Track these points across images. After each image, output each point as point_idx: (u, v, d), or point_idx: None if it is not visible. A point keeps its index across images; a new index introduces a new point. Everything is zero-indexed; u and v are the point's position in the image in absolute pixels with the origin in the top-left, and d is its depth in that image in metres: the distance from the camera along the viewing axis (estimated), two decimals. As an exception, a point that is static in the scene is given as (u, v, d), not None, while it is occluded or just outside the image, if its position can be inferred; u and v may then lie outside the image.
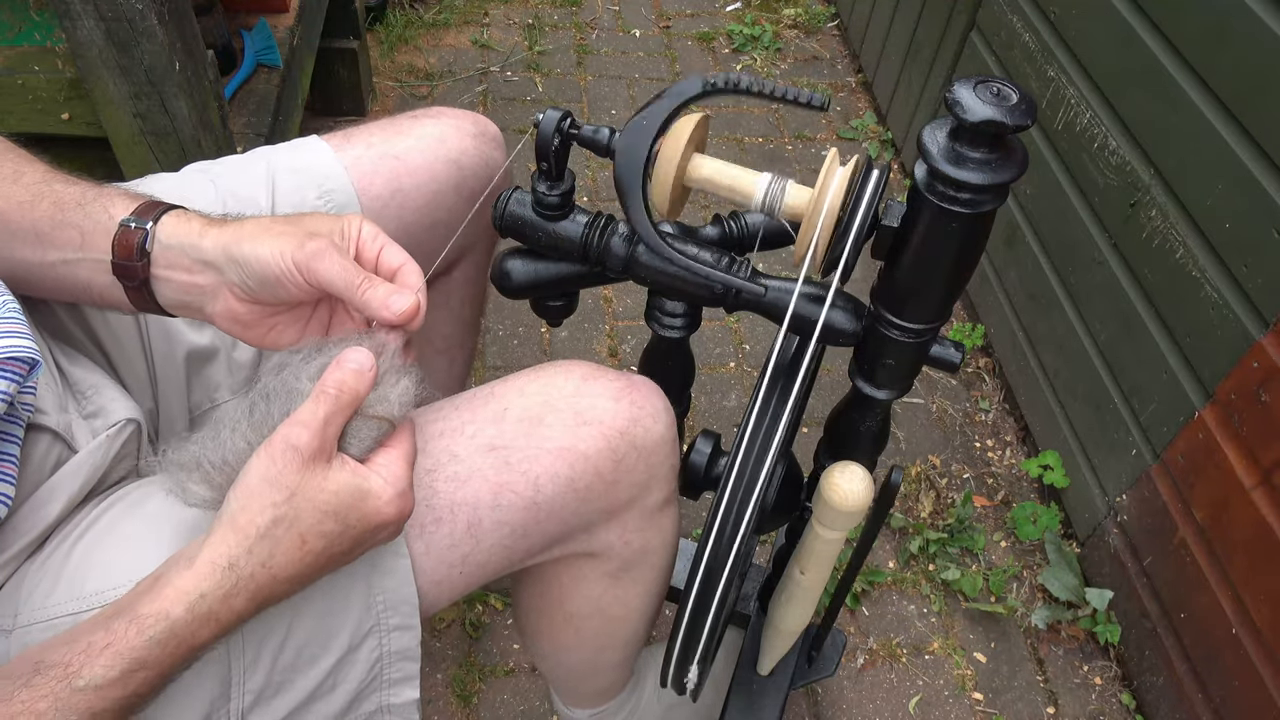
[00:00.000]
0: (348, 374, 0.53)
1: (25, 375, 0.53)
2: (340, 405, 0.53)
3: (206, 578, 0.50)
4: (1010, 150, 0.57)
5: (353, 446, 0.54)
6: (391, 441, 0.56)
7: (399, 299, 0.54)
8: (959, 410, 1.56)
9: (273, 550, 0.51)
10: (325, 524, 0.52)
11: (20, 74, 1.12)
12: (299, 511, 0.51)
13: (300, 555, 0.52)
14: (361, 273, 0.55)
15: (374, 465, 0.55)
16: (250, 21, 1.48)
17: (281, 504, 0.51)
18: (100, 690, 0.47)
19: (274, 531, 0.51)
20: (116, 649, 0.48)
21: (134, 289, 0.58)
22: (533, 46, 2.25)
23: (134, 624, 0.48)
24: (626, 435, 0.67)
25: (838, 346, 0.71)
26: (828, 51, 2.33)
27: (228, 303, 0.57)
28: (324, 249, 0.54)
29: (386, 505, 0.54)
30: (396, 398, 0.55)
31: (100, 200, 0.59)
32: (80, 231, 0.58)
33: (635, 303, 1.68)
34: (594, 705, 0.98)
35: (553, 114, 0.66)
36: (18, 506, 0.56)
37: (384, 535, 0.56)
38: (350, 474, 0.53)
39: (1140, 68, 1.17)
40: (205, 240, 0.56)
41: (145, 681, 0.49)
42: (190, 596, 0.49)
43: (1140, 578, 1.20)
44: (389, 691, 0.67)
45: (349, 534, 0.53)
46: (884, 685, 1.24)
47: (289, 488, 0.51)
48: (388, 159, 0.80)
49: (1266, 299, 0.98)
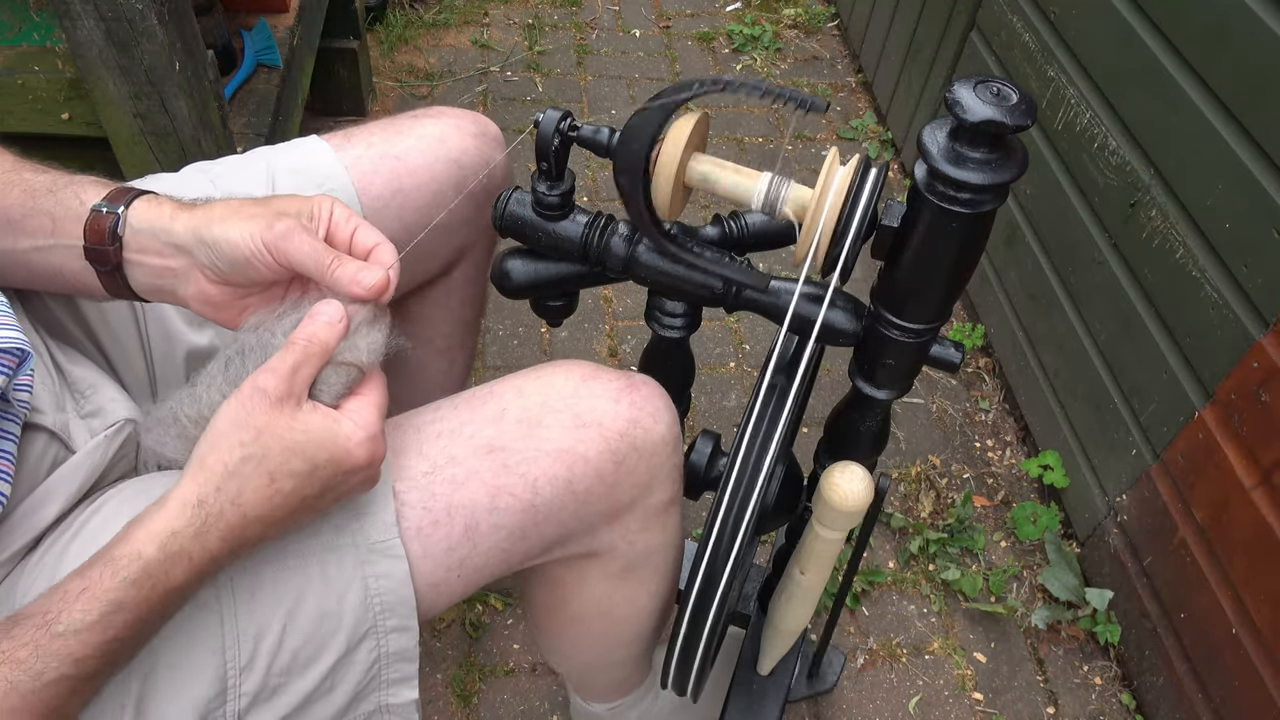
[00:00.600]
0: (318, 325, 0.54)
1: (14, 369, 0.53)
2: (309, 355, 0.54)
3: (177, 516, 0.50)
4: (1010, 150, 0.57)
5: (324, 394, 0.55)
6: (362, 389, 0.57)
7: (368, 274, 0.55)
8: (959, 410, 1.56)
9: (241, 487, 0.51)
10: (293, 462, 0.52)
11: (20, 74, 1.12)
12: (267, 449, 0.52)
13: (269, 494, 0.52)
14: (331, 252, 0.56)
15: (345, 410, 0.55)
16: (250, 21, 1.48)
17: (250, 443, 0.51)
18: (80, 635, 0.48)
19: (242, 469, 0.51)
20: (92, 593, 0.48)
21: (107, 274, 0.59)
22: (533, 46, 2.25)
23: (108, 566, 0.49)
24: (627, 437, 0.67)
25: (838, 346, 0.71)
26: (828, 51, 2.33)
27: (200, 285, 0.58)
28: (292, 229, 0.55)
29: (356, 447, 0.54)
30: (366, 345, 0.56)
31: (71, 187, 0.59)
32: (52, 218, 0.58)
33: (635, 303, 1.68)
34: (609, 700, 0.98)
35: (553, 114, 0.66)
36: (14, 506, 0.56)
37: (356, 480, 0.56)
38: (321, 416, 0.54)
39: (1140, 68, 1.17)
40: (176, 224, 0.57)
41: (125, 624, 0.50)
42: (162, 535, 0.50)
43: (1140, 578, 1.20)
44: (387, 692, 0.67)
45: (318, 475, 0.54)
46: (884, 685, 1.24)
47: (256, 427, 0.51)
48: (388, 159, 0.80)
49: (1266, 299, 0.98)
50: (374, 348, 0.57)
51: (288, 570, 0.61)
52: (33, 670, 0.47)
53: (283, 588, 0.60)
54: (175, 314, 0.74)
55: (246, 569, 0.60)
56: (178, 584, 0.51)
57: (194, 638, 0.58)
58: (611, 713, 0.98)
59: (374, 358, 0.57)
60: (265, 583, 0.60)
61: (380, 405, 0.57)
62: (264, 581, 0.60)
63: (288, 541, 0.61)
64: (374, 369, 0.58)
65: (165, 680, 0.58)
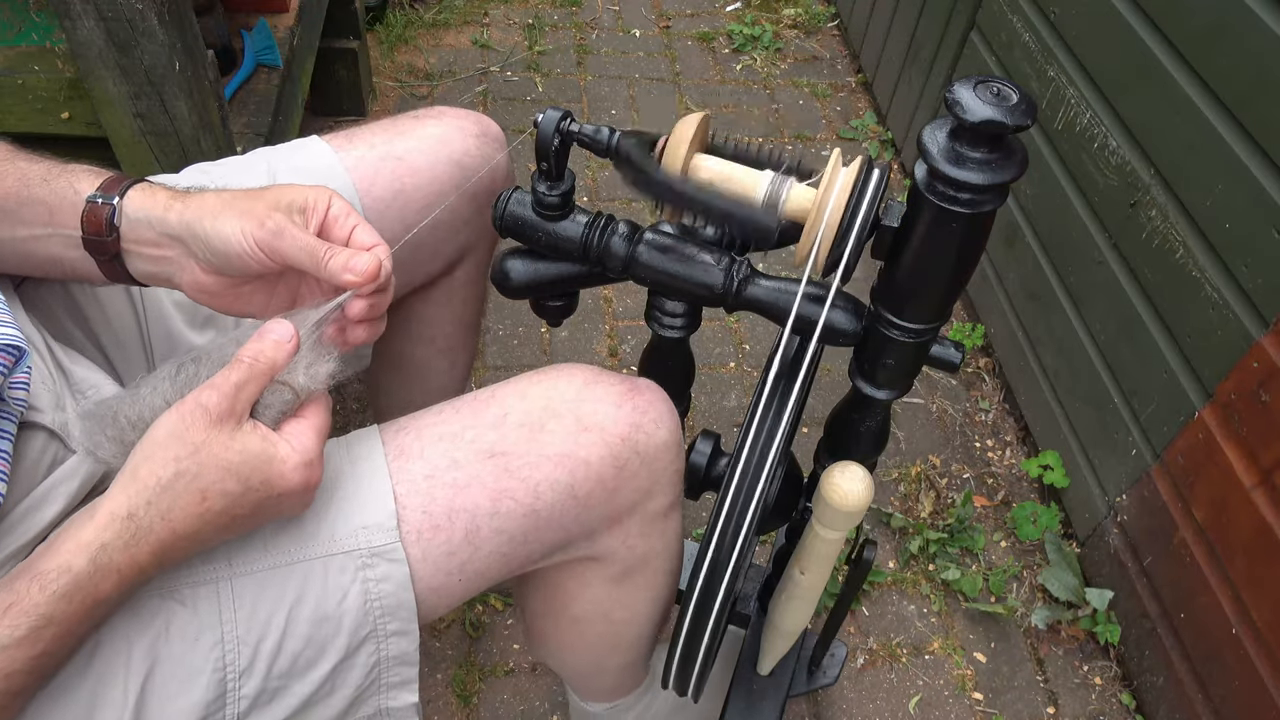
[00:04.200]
0: (266, 344, 0.54)
1: (10, 366, 0.53)
2: (255, 373, 0.54)
3: (106, 528, 0.50)
4: (1010, 150, 0.57)
5: (264, 414, 0.55)
6: (304, 413, 0.57)
7: (359, 260, 0.55)
8: (959, 410, 1.56)
9: (172, 504, 0.51)
10: (227, 482, 0.52)
11: (20, 74, 1.12)
12: (202, 467, 0.51)
13: (200, 511, 0.52)
14: (323, 245, 0.56)
15: (284, 433, 0.55)
16: (250, 21, 1.48)
17: (185, 458, 0.51)
18: (8, 650, 0.48)
19: (175, 485, 0.51)
20: (21, 607, 0.48)
21: (106, 263, 0.59)
22: (533, 46, 2.25)
23: (35, 581, 0.49)
24: (629, 442, 0.67)
25: (838, 346, 0.71)
26: (828, 51, 2.33)
27: (194, 274, 0.58)
28: (283, 227, 0.55)
29: (291, 471, 0.54)
30: (304, 369, 0.56)
31: (65, 176, 0.59)
32: (48, 208, 0.59)
33: (635, 303, 1.68)
34: (608, 700, 0.98)
35: (553, 114, 0.66)
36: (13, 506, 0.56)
37: (288, 504, 0.56)
38: (259, 438, 0.54)
39: (1140, 68, 1.17)
40: (170, 214, 0.57)
41: (55, 638, 0.49)
42: (91, 548, 0.50)
43: (1140, 578, 1.20)
44: (387, 696, 0.67)
45: (250, 496, 0.53)
46: (884, 685, 1.24)
47: (194, 444, 0.51)
48: (390, 160, 0.80)
49: (1266, 299, 0.98)
50: (315, 375, 0.57)
51: (287, 574, 0.61)
52: None
53: (282, 591, 0.60)
54: (177, 315, 0.74)
55: (246, 573, 0.60)
56: (106, 596, 0.51)
57: (194, 640, 0.58)
58: (610, 713, 0.98)
59: (314, 384, 0.57)
60: (265, 586, 0.60)
61: (321, 430, 0.57)
62: (264, 585, 0.60)
63: (288, 545, 0.61)
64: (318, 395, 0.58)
65: (164, 684, 0.57)
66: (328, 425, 0.58)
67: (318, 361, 0.57)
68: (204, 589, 0.59)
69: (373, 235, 0.58)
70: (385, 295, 0.59)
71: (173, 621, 0.58)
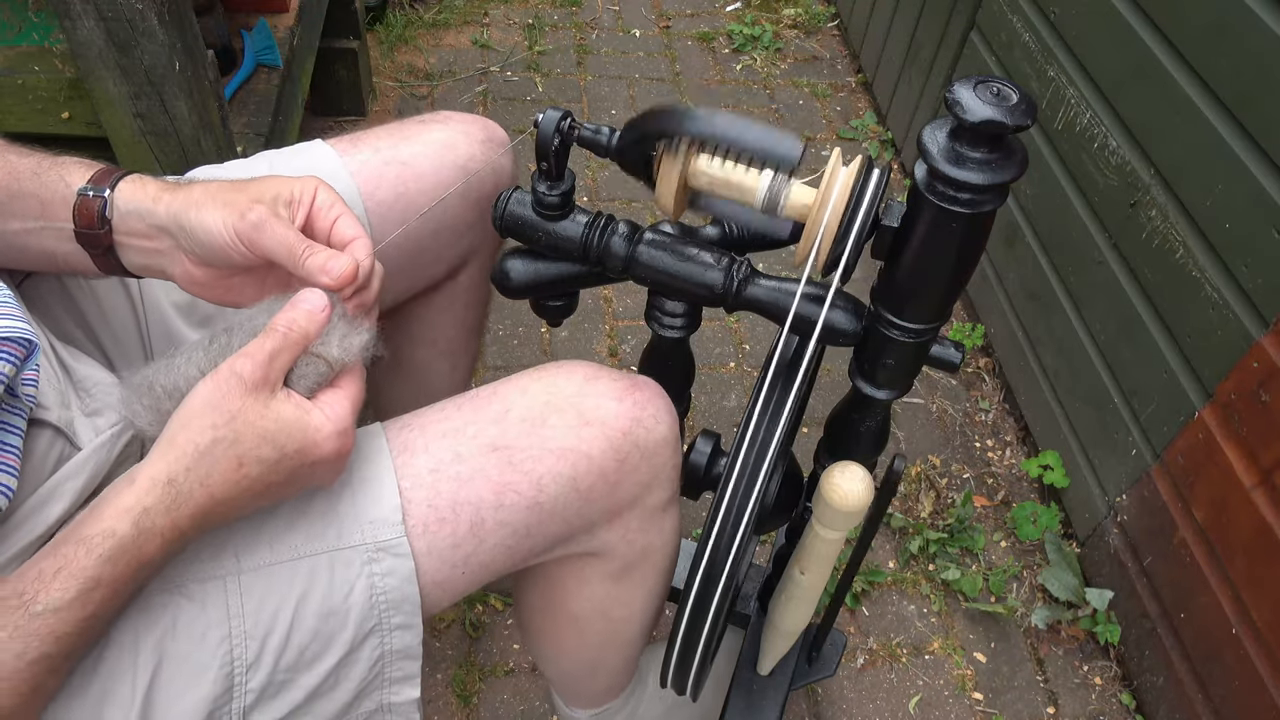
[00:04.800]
0: (299, 313, 0.55)
1: (22, 359, 0.53)
2: (289, 342, 0.54)
3: (149, 493, 0.51)
4: (1010, 150, 0.57)
5: (299, 383, 0.55)
6: (340, 383, 0.57)
7: (335, 262, 0.55)
8: (959, 410, 1.56)
9: (210, 469, 0.52)
10: (262, 449, 0.53)
11: (20, 74, 1.12)
12: (239, 434, 0.52)
13: (237, 478, 0.53)
14: (304, 241, 0.56)
15: (318, 402, 0.56)
16: (250, 21, 1.48)
17: (222, 425, 0.52)
18: (59, 613, 0.49)
19: (213, 451, 0.52)
20: (69, 570, 0.49)
21: (99, 255, 0.60)
22: (533, 46, 2.25)
23: (82, 545, 0.49)
24: (629, 435, 0.67)
25: (838, 346, 0.71)
26: (828, 51, 2.33)
27: (185, 266, 0.59)
28: (264, 220, 0.55)
29: (325, 440, 0.55)
30: (338, 341, 0.57)
31: (56, 169, 0.59)
32: (39, 201, 0.59)
33: (635, 303, 1.68)
34: (596, 705, 0.98)
35: (553, 114, 0.66)
36: (21, 502, 0.56)
37: (321, 471, 0.57)
38: (293, 406, 0.54)
39: (1140, 68, 1.17)
40: (159, 206, 0.58)
41: (103, 601, 0.50)
42: (134, 512, 0.50)
43: (1140, 578, 1.20)
44: (390, 690, 0.67)
45: (285, 464, 0.54)
46: (884, 685, 1.24)
47: (230, 411, 0.52)
48: (394, 165, 0.80)
49: (1266, 299, 0.98)
50: (349, 347, 0.57)
51: (294, 569, 0.61)
52: (14, 650, 0.48)
53: (289, 586, 0.61)
54: (176, 313, 0.74)
55: (254, 568, 0.60)
56: (149, 558, 0.52)
57: (202, 635, 0.58)
58: (596, 719, 0.98)
59: (348, 356, 0.57)
60: (272, 581, 0.60)
61: (355, 400, 0.57)
62: (271, 580, 0.60)
63: (295, 540, 0.61)
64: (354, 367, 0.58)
65: (172, 679, 0.58)
66: (362, 396, 0.58)
67: (351, 333, 0.57)
68: (212, 584, 0.59)
69: (355, 228, 0.58)
70: (368, 291, 0.59)
71: (180, 617, 0.58)
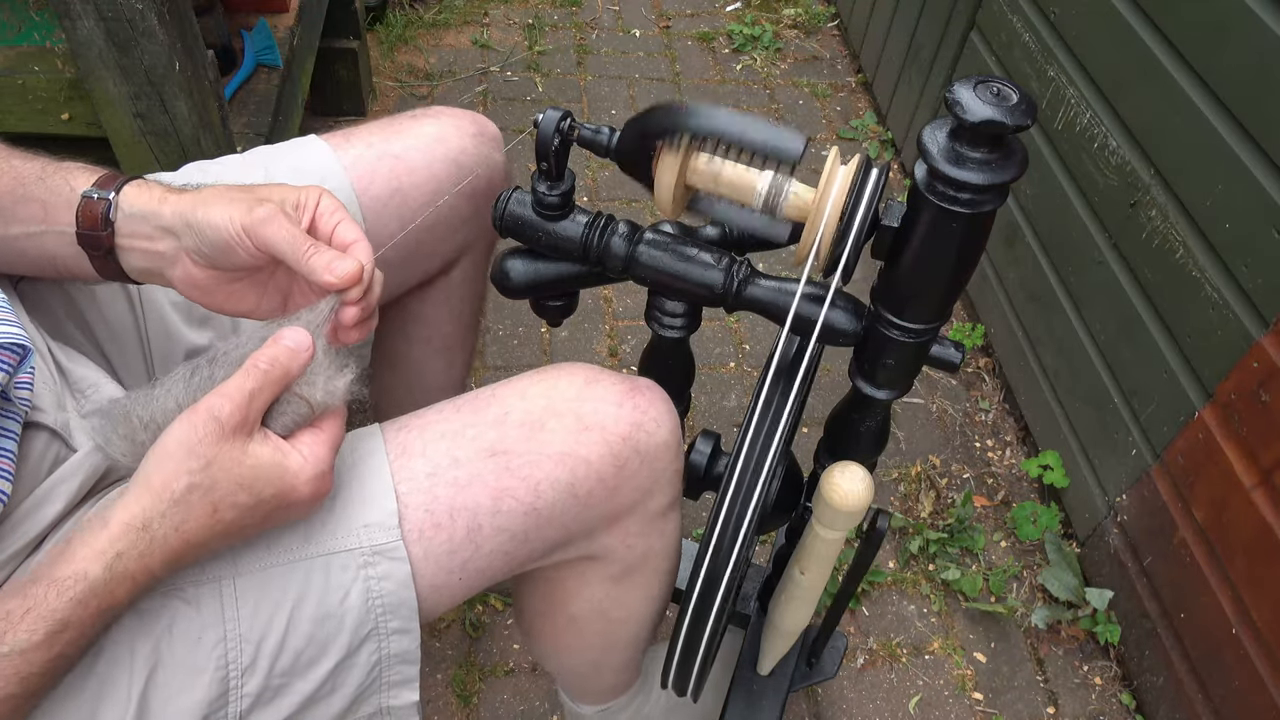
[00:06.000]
0: (280, 350, 0.54)
1: (16, 365, 0.53)
2: (269, 380, 0.54)
3: (121, 538, 0.51)
4: (1010, 150, 0.57)
5: (277, 422, 0.55)
6: (320, 424, 0.57)
7: (341, 263, 0.55)
8: (959, 410, 1.56)
9: (185, 516, 0.52)
10: (239, 495, 0.53)
11: (20, 74, 1.12)
12: (215, 481, 0.52)
13: (211, 523, 0.53)
14: (308, 239, 0.56)
15: (296, 443, 0.55)
16: (250, 21, 1.48)
17: (198, 471, 0.52)
18: (26, 654, 0.48)
19: (189, 498, 0.52)
20: (38, 613, 0.49)
21: (100, 258, 0.59)
22: (533, 46, 2.25)
23: (52, 587, 0.49)
24: (629, 441, 0.67)
25: (838, 346, 0.71)
26: (828, 51, 2.33)
27: (186, 269, 0.59)
28: (272, 215, 0.55)
29: (304, 484, 0.55)
30: (323, 384, 0.56)
31: (60, 174, 0.60)
32: (43, 205, 0.59)
33: (635, 303, 1.68)
34: (601, 702, 0.98)
35: (553, 114, 0.66)
36: (15, 505, 0.56)
37: (296, 513, 0.57)
38: (271, 450, 0.54)
39: (1140, 68, 1.17)
40: (165, 207, 0.57)
41: (71, 642, 0.50)
42: (106, 556, 0.50)
43: (1140, 578, 1.20)
44: (389, 694, 0.67)
45: (261, 508, 0.54)
46: (884, 685, 1.24)
47: (206, 457, 0.52)
48: (387, 159, 0.80)
49: (1266, 299, 0.98)
50: (333, 390, 0.56)
51: (290, 572, 0.61)
52: None
53: (285, 589, 0.60)
54: (174, 313, 0.74)
55: (249, 571, 0.60)
56: (119, 601, 0.52)
57: (196, 640, 0.58)
58: (602, 715, 0.98)
59: (331, 400, 0.57)
60: (268, 584, 0.60)
61: (335, 442, 0.57)
62: (266, 583, 0.60)
63: (291, 544, 0.61)
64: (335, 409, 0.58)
65: (167, 682, 0.58)
66: (341, 436, 0.58)
67: (336, 375, 0.57)
68: (207, 587, 0.59)
69: (355, 232, 0.58)
70: (371, 294, 0.59)
71: (176, 620, 0.58)
